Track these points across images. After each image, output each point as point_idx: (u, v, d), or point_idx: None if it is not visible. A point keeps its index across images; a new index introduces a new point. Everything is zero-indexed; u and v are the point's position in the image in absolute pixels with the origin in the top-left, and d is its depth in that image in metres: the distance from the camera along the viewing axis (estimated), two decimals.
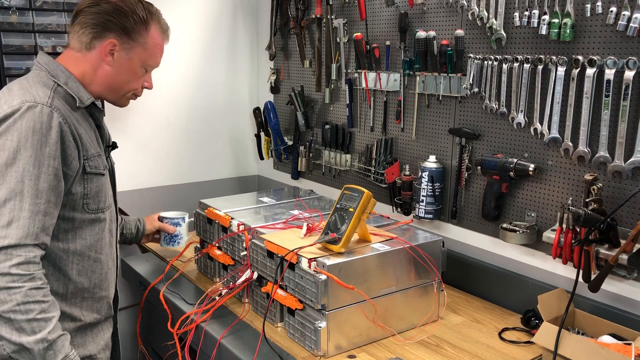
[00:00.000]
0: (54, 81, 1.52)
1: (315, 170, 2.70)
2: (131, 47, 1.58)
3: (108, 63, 1.56)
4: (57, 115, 1.43)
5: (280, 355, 1.59)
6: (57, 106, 1.44)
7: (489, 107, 1.89)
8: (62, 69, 1.54)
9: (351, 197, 1.66)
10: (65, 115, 1.46)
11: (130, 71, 1.60)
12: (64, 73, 1.54)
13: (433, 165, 2.05)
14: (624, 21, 1.52)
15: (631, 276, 1.62)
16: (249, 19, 2.96)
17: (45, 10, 2.33)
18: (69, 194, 1.48)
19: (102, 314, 1.64)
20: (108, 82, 1.59)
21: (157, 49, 1.64)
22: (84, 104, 1.54)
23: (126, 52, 1.57)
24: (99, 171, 1.55)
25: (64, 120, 1.44)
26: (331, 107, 2.57)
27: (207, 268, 2.10)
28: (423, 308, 1.77)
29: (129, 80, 1.62)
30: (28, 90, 1.46)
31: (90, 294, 1.59)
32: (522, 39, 1.79)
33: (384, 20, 2.25)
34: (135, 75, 1.62)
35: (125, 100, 1.68)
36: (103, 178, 1.58)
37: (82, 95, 1.54)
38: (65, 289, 1.53)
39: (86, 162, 1.51)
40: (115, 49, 1.55)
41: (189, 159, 2.83)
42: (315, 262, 1.57)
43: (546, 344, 1.47)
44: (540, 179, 1.81)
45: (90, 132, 1.58)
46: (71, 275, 1.53)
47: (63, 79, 1.53)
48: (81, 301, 1.57)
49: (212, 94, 2.89)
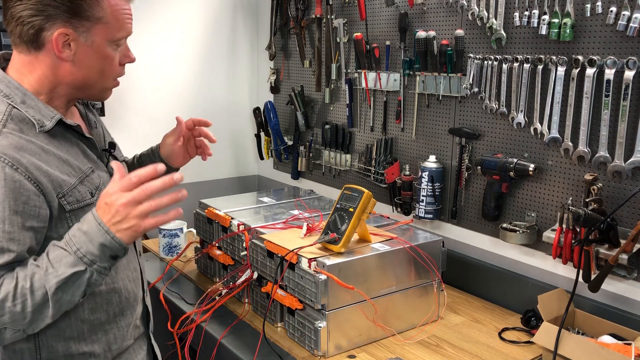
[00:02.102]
0: (8, 103, 1.24)
1: (315, 170, 2.70)
2: (87, 28, 1.25)
3: (66, 58, 1.25)
4: (3, 165, 1.15)
5: (280, 355, 1.60)
6: (1, 152, 1.17)
7: (489, 107, 1.89)
8: (16, 84, 1.26)
9: (351, 197, 1.65)
10: (16, 157, 1.17)
11: (99, 57, 1.29)
12: (19, 89, 1.25)
13: (433, 165, 2.05)
14: (624, 21, 1.52)
15: (631, 276, 1.62)
16: (249, 19, 2.96)
17: None
18: (49, 238, 1.24)
19: (129, 339, 1.45)
20: (75, 81, 1.29)
21: (121, 16, 1.29)
22: (45, 128, 1.25)
23: (84, 37, 1.25)
24: (84, 203, 1.29)
25: (12, 167, 1.16)
26: (331, 107, 2.57)
27: (207, 268, 2.10)
28: (423, 308, 1.77)
29: (102, 68, 1.31)
30: None
31: (112, 326, 1.39)
32: (522, 39, 1.79)
33: (384, 20, 2.25)
34: (106, 59, 1.30)
35: (106, 92, 1.39)
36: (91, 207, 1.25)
37: (44, 115, 1.26)
38: (79, 330, 1.33)
39: (62, 199, 1.24)
40: (69, 38, 1.24)
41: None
42: (315, 262, 1.57)
43: (546, 344, 1.47)
44: (540, 179, 1.81)
45: (70, 151, 1.31)
46: (83, 316, 1.33)
47: (19, 97, 1.25)
48: (104, 335, 1.38)
49: (212, 94, 2.89)
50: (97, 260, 1.19)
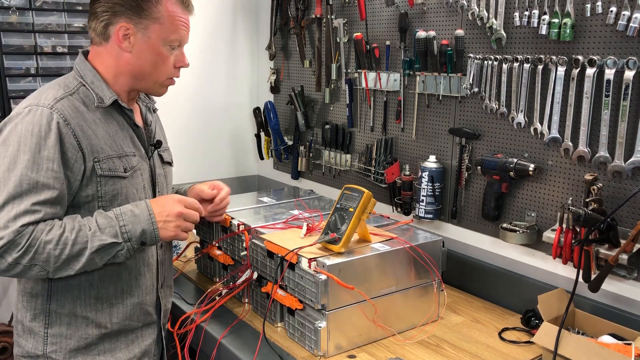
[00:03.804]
0: (80, 81, 1.49)
1: (315, 170, 2.70)
2: (145, 26, 1.48)
3: (126, 49, 1.49)
4: (57, 116, 1.39)
5: (280, 355, 1.59)
6: (60, 108, 1.40)
7: (489, 107, 1.89)
8: (89, 67, 1.51)
9: (351, 197, 1.65)
10: (70, 117, 1.41)
11: (154, 52, 1.50)
12: (91, 72, 1.50)
13: (433, 165, 2.05)
14: (624, 21, 1.52)
15: (631, 276, 1.62)
16: (249, 19, 2.96)
17: (45, 10, 2.33)
18: (79, 196, 1.44)
19: (134, 320, 1.57)
20: (133, 70, 1.51)
21: (177, 22, 1.52)
22: (103, 104, 1.48)
23: (142, 33, 1.48)
24: (115, 174, 1.48)
25: (65, 121, 1.39)
26: (331, 107, 2.57)
27: (207, 268, 2.10)
28: (423, 308, 1.77)
29: (156, 63, 1.52)
30: (41, 93, 1.44)
31: (118, 300, 1.53)
32: (522, 39, 1.79)
33: (384, 20, 2.25)
34: (160, 56, 1.51)
35: (161, 88, 1.58)
36: (124, 181, 1.49)
37: (105, 94, 1.49)
38: (87, 294, 1.49)
39: (97, 164, 1.44)
40: (129, 32, 1.47)
41: (189, 158, 2.83)
42: (315, 262, 1.57)
43: (546, 344, 1.47)
44: (540, 179, 1.81)
45: (119, 132, 1.51)
46: (92, 280, 1.49)
47: (89, 77, 1.50)
48: (109, 307, 1.53)
49: (212, 94, 2.89)
50: (132, 239, 1.43)
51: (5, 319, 2.26)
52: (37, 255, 1.33)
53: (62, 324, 1.49)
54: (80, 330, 1.50)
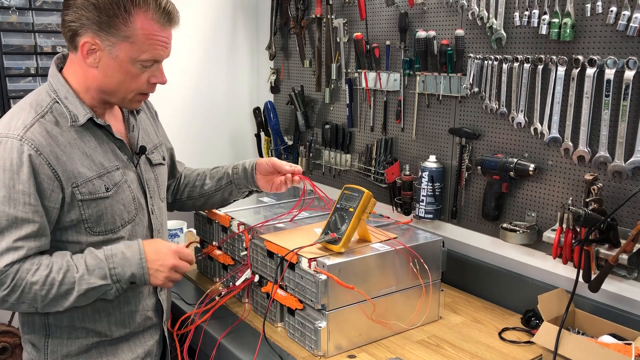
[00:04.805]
0: (53, 97, 1.41)
1: (315, 170, 2.70)
2: (113, 43, 1.36)
3: (91, 65, 1.39)
4: (28, 148, 1.32)
5: (280, 355, 1.59)
6: (30, 137, 1.33)
7: (489, 107, 1.89)
8: (62, 81, 1.43)
9: (351, 197, 1.65)
10: (42, 145, 1.34)
11: (121, 71, 1.39)
12: (64, 86, 1.42)
13: (433, 165, 2.05)
14: (624, 21, 1.52)
15: (631, 276, 1.62)
16: (249, 19, 2.96)
17: (45, 10, 2.33)
18: (63, 221, 1.40)
19: (133, 327, 1.56)
20: (99, 85, 1.42)
21: (152, 40, 1.38)
22: (77, 123, 1.40)
23: (109, 51, 1.36)
24: (96, 196, 1.42)
25: (37, 152, 1.32)
26: (331, 107, 2.57)
27: (207, 268, 2.10)
28: (423, 308, 1.77)
29: (124, 81, 1.41)
30: (11, 119, 1.37)
31: (115, 310, 1.52)
32: (522, 38, 1.79)
33: (384, 20, 2.25)
34: (128, 74, 1.40)
35: (132, 103, 1.49)
36: (107, 200, 1.44)
37: (79, 111, 1.41)
38: (84, 307, 1.47)
39: (76, 189, 1.38)
40: (95, 48, 1.36)
41: (188, 158, 2.82)
42: (315, 262, 1.57)
43: (546, 344, 1.47)
44: (540, 178, 1.81)
45: (97, 149, 1.44)
46: None
47: (63, 92, 1.42)
48: (107, 317, 1.51)
49: (212, 94, 2.89)
50: (121, 281, 1.42)
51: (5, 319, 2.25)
52: (24, 295, 1.33)
53: (62, 336, 1.49)
54: (81, 339, 1.50)
